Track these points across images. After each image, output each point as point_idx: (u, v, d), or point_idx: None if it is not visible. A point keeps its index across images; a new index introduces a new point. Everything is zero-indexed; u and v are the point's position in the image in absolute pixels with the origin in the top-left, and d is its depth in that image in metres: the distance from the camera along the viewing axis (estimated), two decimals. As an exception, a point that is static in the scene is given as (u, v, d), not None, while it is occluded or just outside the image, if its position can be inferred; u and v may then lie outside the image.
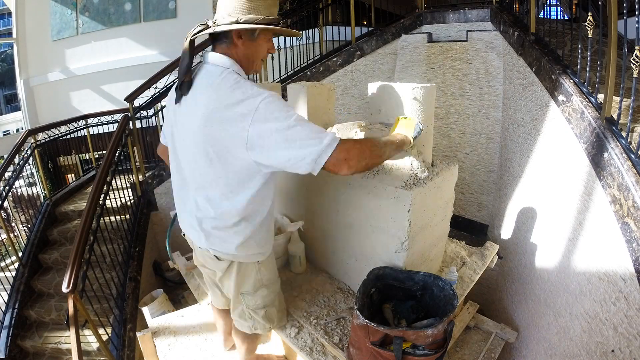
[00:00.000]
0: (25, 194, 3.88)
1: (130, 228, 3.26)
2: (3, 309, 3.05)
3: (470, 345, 2.05)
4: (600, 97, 1.61)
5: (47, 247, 3.49)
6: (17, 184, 3.53)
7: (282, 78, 3.86)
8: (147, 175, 3.62)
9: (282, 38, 4.15)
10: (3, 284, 3.13)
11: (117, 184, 3.11)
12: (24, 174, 3.85)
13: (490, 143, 3.45)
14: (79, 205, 3.83)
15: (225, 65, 1.06)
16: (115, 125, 3.66)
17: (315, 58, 4.01)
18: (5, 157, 3.43)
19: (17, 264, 3.31)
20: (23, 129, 5.86)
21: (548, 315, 1.98)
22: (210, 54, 1.10)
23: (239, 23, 1.02)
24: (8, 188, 3.26)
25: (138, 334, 1.94)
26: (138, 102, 3.54)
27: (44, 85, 5.97)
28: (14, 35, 5.76)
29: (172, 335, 1.94)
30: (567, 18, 3.75)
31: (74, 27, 5.75)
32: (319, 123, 1.99)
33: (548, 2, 4.32)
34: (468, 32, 3.45)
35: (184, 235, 1.38)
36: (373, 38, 3.88)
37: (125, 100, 3.38)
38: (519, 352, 2.23)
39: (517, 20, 2.94)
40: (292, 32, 1.24)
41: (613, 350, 1.36)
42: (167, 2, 5.45)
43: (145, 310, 2.88)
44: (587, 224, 1.63)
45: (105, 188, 2.68)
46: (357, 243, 1.68)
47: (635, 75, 1.31)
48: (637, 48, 1.26)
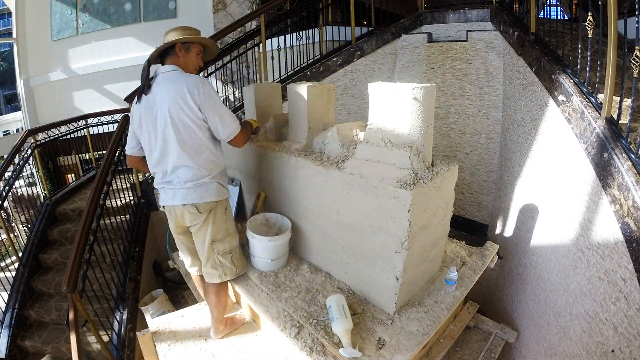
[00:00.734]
0: (25, 194, 3.88)
1: (130, 228, 3.26)
2: (3, 309, 3.05)
3: (470, 345, 2.05)
4: (600, 97, 1.61)
5: (47, 247, 3.49)
6: (17, 184, 3.52)
7: (282, 78, 3.85)
8: (147, 175, 3.62)
9: (282, 38, 4.15)
10: (3, 284, 3.13)
11: (117, 184, 3.11)
12: (24, 174, 3.85)
13: (490, 143, 3.45)
14: (79, 205, 3.83)
15: (173, 70, 1.61)
16: (115, 125, 3.66)
17: (315, 58, 4.00)
18: (5, 157, 3.43)
19: (17, 264, 3.31)
20: (23, 129, 5.86)
21: (548, 315, 1.98)
22: (162, 67, 1.65)
23: (180, 40, 1.63)
24: (8, 188, 3.26)
25: (138, 334, 1.94)
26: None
27: (44, 85, 5.97)
28: (14, 35, 5.76)
29: (172, 335, 1.94)
30: (567, 18, 3.75)
31: (74, 27, 5.75)
32: (319, 123, 1.99)
33: (548, 2, 4.32)
34: (468, 32, 3.45)
35: (163, 208, 1.74)
36: (373, 38, 3.88)
37: (125, 100, 3.38)
38: (519, 352, 2.23)
39: (517, 20, 2.94)
40: (214, 44, 1.78)
41: (613, 350, 1.36)
42: (167, 2, 5.45)
43: (145, 310, 2.89)
44: (587, 224, 1.63)
45: (105, 188, 2.67)
46: (357, 243, 1.68)
47: (635, 75, 1.31)
48: (637, 48, 1.26)
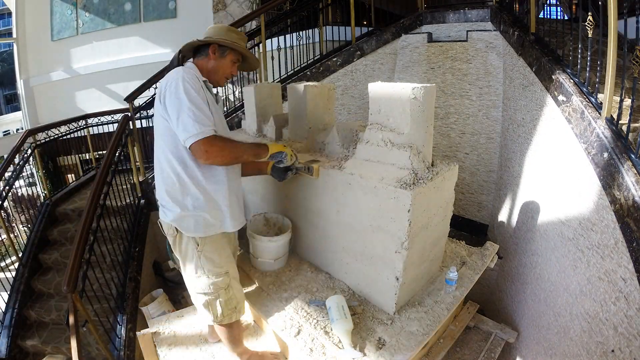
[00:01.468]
0: (25, 194, 3.88)
1: (130, 228, 3.26)
2: (3, 309, 3.05)
3: (470, 345, 2.05)
4: (600, 97, 1.61)
5: (47, 247, 3.49)
6: (17, 184, 3.52)
7: (282, 78, 3.85)
8: (147, 176, 3.62)
9: (282, 38, 4.15)
10: (3, 284, 3.13)
11: (117, 184, 3.11)
12: (24, 174, 3.85)
13: (490, 143, 3.45)
14: (79, 205, 3.83)
15: (190, 67, 1.40)
16: (115, 125, 3.66)
17: (315, 58, 4.00)
18: (5, 157, 3.43)
19: (17, 264, 3.31)
20: (23, 129, 5.86)
21: (548, 315, 1.98)
22: (186, 63, 1.45)
23: (217, 41, 1.42)
24: (8, 188, 3.26)
25: (138, 334, 1.94)
26: (138, 102, 3.54)
27: (44, 85, 5.97)
28: (14, 35, 5.76)
29: (172, 335, 1.94)
30: (567, 18, 3.74)
31: (74, 27, 5.75)
32: (319, 123, 1.99)
33: (548, 2, 4.32)
34: (468, 32, 3.45)
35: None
36: (373, 38, 3.88)
37: (125, 100, 3.38)
38: (519, 352, 2.23)
39: (517, 20, 2.94)
40: (256, 58, 1.60)
41: (613, 350, 1.36)
42: (167, 2, 5.45)
43: (145, 310, 2.89)
44: (587, 224, 1.63)
45: (105, 188, 2.67)
46: (357, 243, 1.68)
47: (635, 75, 1.31)
48: (637, 48, 1.26)
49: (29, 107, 5.97)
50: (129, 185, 3.57)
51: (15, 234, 3.56)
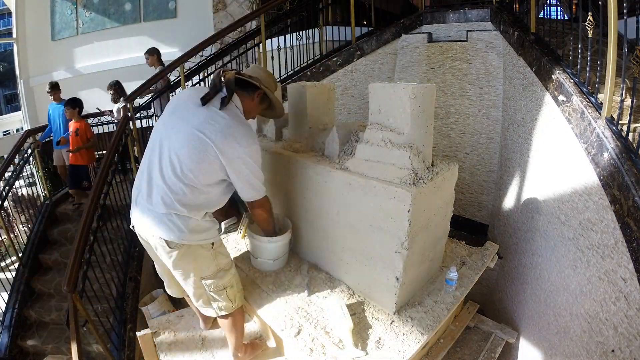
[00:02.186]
0: (26, 194, 3.88)
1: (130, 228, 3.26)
2: (3, 309, 3.05)
3: (471, 345, 2.05)
4: (600, 97, 1.61)
5: (47, 247, 3.49)
6: (17, 184, 3.52)
7: (282, 78, 3.85)
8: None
9: (281, 38, 4.15)
10: (3, 284, 3.13)
11: (117, 184, 3.11)
12: (24, 174, 3.85)
13: (490, 143, 3.45)
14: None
15: (240, 109, 1.49)
16: (116, 125, 3.66)
17: (315, 58, 4.00)
18: (5, 157, 3.43)
19: (17, 264, 3.31)
20: (23, 129, 5.86)
21: (548, 315, 1.98)
22: (233, 92, 1.46)
23: (267, 88, 1.55)
24: (8, 188, 3.26)
25: (138, 334, 1.94)
26: (138, 102, 3.54)
27: (44, 85, 5.96)
28: (14, 35, 5.76)
29: (172, 335, 1.94)
30: (567, 18, 3.74)
31: (74, 27, 5.75)
32: (319, 123, 1.99)
33: (548, 2, 4.32)
34: (468, 32, 3.45)
35: (132, 227, 1.56)
36: (373, 38, 3.88)
37: (125, 100, 3.38)
38: (519, 352, 2.23)
39: (517, 20, 2.94)
40: (282, 109, 1.74)
41: (613, 350, 1.36)
42: (167, 2, 5.45)
43: (145, 310, 2.89)
44: (587, 224, 1.63)
45: (105, 188, 2.67)
46: (357, 243, 1.68)
47: (635, 75, 1.31)
48: (637, 48, 1.26)
49: (29, 107, 5.98)
50: (129, 185, 3.57)
51: (16, 234, 3.56)
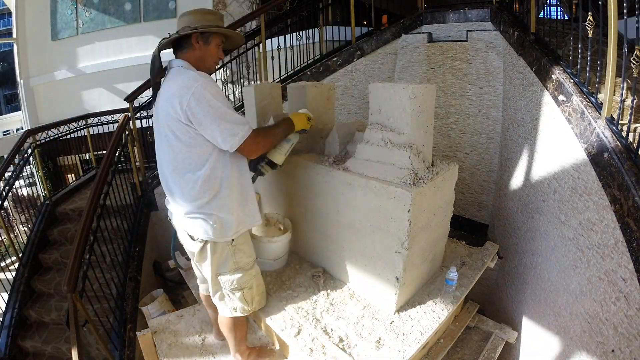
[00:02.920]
0: (26, 194, 3.88)
1: (130, 228, 3.26)
2: (3, 309, 3.05)
3: (471, 345, 2.05)
4: (601, 97, 1.61)
5: (47, 247, 3.49)
6: (17, 184, 3.52)
7: (282, 78, 3.85)
8: (147, 175, 3.62)
9: (281, 38, 4.15)
10: (3, 284, 3.13)
11: (117, 184, 3.11)
12: (24, 174, 3.85)
13: (491, 143, 3.45)
14: (79, 205, 3.83)
15: (181, 65, 1.35)
16: (115, 125, 3.66)
17: (315, 58, 4.00)
18: (5, 157, 3.42)
19: (17, 264, 3.31)
20: (23, 129, 5.86)
21: (548, 315, 1.98)
22: (173, 60, 1.40)
23: (197, 29, 1.33)
24: (8, 188, 3.26)
25: (138, 334, 1.94)
26: (138, 102, 3.54)
27: (44, 85, 5.97)
28: (14, 35, 5.76)
29: (172, 335, 1.94)
30: (567, 18, 3.74)
31: (74, 27, 5.74)
32: (319, 123, 1.99)
33: (548, 2, 4.31)
34: (468, 31, 3.45)
35: (169, 219, 1.55)
36: (373, 38, 3.87)
37: (125, 100, 3.38)
38: (519, 352, 2.23)
39: (517, 20, 2.93)
40: (238, 34, 1.52)
41: (613, 350, 1.36)
42: (167, 2, 5.45)
43: (145, 310, 2.89)
44: (587, 224, 1.62)
45: (105, 188, 2.67)
46: (357, 243, 1.68)
47: (635, 75, 1.31)
48: (637, 48, 1.26)
49: (29, 107, 5.97)
50: (129, 185, 3.57)
51: (15, 234, 3.56)
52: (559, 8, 4.24)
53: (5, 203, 3.22)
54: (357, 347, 1.49)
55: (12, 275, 3.22)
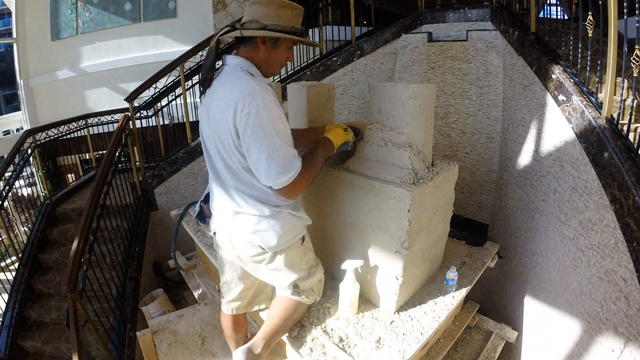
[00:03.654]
0: (25, 194, 3.88)
1: (130, 228, 3.26)
2: (3, 309, 3.05)
3: (471, 345, 2.05)
4: (600, 96, 1.61)
5: (47, 247, 3.49)
6: (17, 184, 3.52)
7: (282, 78, 3.85)
8: (147, 175, 3.62)
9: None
10: (3, 284, 3.13)
11: (117, 184, 3.11)
12: (24, 174, 3.85)
13: (491, 142, 3.45)
14: (79, 205, 3.83)
15: (241, 66, 1.16)
16: (115, 125, 3.66)
17: (315, 58, 4.00)
18: (5, 157, 3.42)
19: (17, 264, 3.31)
20: (23, 129, 5.86)
21: (548, 315, 1.98)
22: (230, 57, 1.19)
23: (266, 29, 1.11)
24: (8, 188, 3.26)
25: (138, 334, 1.94)
26: (138, 102, 3.54)
27: (44, 85, 5.97)
28: (14, 35, 5.76)
29: (172, 335, 1.94)
30: (567, 17, 3.74)
31: (74, 27, 5.74)
32: (319, 122, 1.99)
33: (548, 1, 4.31)
34: (468, 31, 3.44)
35: (214, 234, 1.42)
36: (373, 38, 3.87)
37: (126, 100, 3.38)
38: (519, 352, 2.23)
39: (517, 20, 2.93)
40: (313, 42, 1.38)
41: (613, 350, 1.36)
42: (167, 2, 5.44)
43: (145, 310, 2.89)
44: (587, 224, 1.62)
45: (105, 188, 2.67)
46: (357, 243, 1.68)
47: (635, 75, 1.31)
48: (637, 48, 1.26)
49: (29, 107, 5.97)
50: (129, 185, 3.57)
51: (15, 234, 3.56)
52: (559, 8, 4.24)
53: (5, 203, 3.22)
54: (357, 347, 1.49)
55: (12, 275, 3.22)
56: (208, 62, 1.17)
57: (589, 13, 1.61)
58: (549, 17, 3.98)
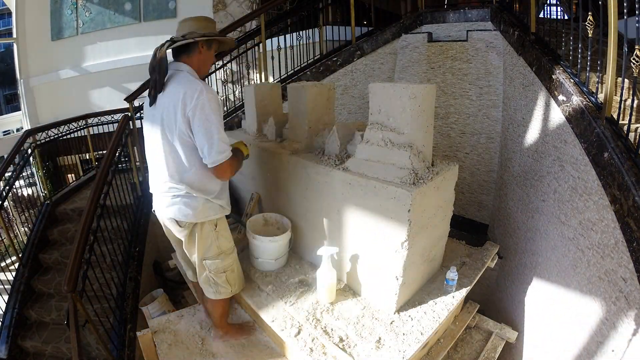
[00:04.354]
0: (26, 194, 3.87)
1: (130, 228, 3.26)
2: (3, 309, 3.05)
3: (471, 345, 2.05)
4: (601, 96, 1.61)
5: (47, 247, 3.48)
6: (17, 184, 3.52)
7: (282, 78, 3.85)
8: (147, 175, 3.61)
9: (281, 38, 4.15)
10: (3, 284, 3.13)
11: (117, 184, 3.10)
12: (24, 174, 3.84)
13: (491, 143, 3.45)
14: (79, 205, 3.83)
15: (187, 71, 1.49)
16: (115, 125, 3.66)
17: (315, 58, 4.00)
18: (5, 157, 3.42)
19: (17, 264, 3.31)
20: (23, 129, 5.86)
21: (548, 315, 1.98)
22: (176, 63, 1.53)
23: (204, 36, 1.49)
24: (8, 188, 3.26)
25: (138, 334, 1.94)
26: (138, 102, 3.54)
27: (44, 85, 5.97)
28: (14, 35, 5.76)
29: (172, 335, 1.94)
30: (567, 17, 3.74)
31: (74, 27, 5.74)
32: (319, 123, 1.99)
33: (548, 2, 4.31)
34: (468, 31, 3.45)
35: (154, 211, 1.72)
36: (373, 38, 3.87)
37: (125, 100, 3.38)
38: (519, 351, 2.23)
39: (517, 20, 2.93)
40: (231, 40, 1.68)
41: (613, 350, 1.36)
42: (167, 2, 5.44)
43: (145, 310, 2.88)
44: (587, 224, 1.62)
45: (105, 188, 2.67)
46: (357, 243, 1.68)
47: (635, 75, 1.31)
48: (637, 48, 1.26)
49: (29, 107, 5.97)
50: (129, 185, 3.57)
51: (15, 234, 3.56)
52: (559, 8, 4.24)
53: (5, 203, 3.22)
54: (357, 347, 1.49)
55: (12, 275, 3.22)
56: (162, 69, 1.46)
57: (589, 13, 1.61)
58: (549, 17, 3.98)
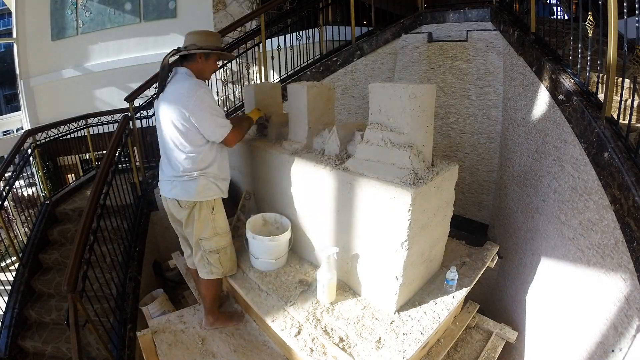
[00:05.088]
0: (26, 194, 3.87)
1: (130, 228, 3.26)
2: (3, 309, 3.05)
3: (471, 345, 2.05)
4: (601, 96, 1.61)
5: (47, 247, 3.48)
6: (17, 184, 3.52)
7: (282, 78, 3.85)
8: (147, 175, 3.62)
9: (281, 38, 4.15)
10: (3, 284, 3.13)
11: (117, 184, 3.10)
12: (24, 174, 3.84)
13: (491, 143, 3.45)
14: (79, 205, 3.83)
15: (186, 73, 1.73)
16: (115, 125, 3.66)
17: (315, 58, 4.00)
18: (5, 157, 3.42)
19: (17, 264, 3.31)
20: (23, 129, 5.86)
21: (548, 315, 1.98)
22: (180, 68, 1.76)
23: (202, 49, 1.72)
24: (8, 188, 3.26)
25: (138, 334, 1.94)
26: (138, 102, 3.54)
27: (44, 85, 5.97)
28: (14, 35, 5.75)
29: (172, 335, 1.94)
30: (567, 17, 3.74)
31: (74, 27, 5.74)
32: (319, 123, 2.00)
33: (548, 2, 4.31)
34: (468, 31, 3.44)
35: (162, 196, 1.86)
36: (373, 38, 3.87)
37: (126, 100, 3.38)
38: (519, 351, 2.23)
39: (517, 20, 2.93)
40: (231, 55, 2.01)
41: (613, 350, 1.36)
42: (167, 2, 5.45)
43: (145, 310, 2.88)
44: (587, 224, 1.62)
45: (105, 188, 2.67)
46: (357, 243, 1.68)
47: (635, 75, 1.31)
48: (637, 48, 1.26)
49: (29, 107, 5.97)
50: (129, 185, 3.57)
51: (15, 234, 3.56)
52: (559, 8, 4.24)
53: (5, 203, 3.22)
54: (357, 347, 1.49)
55: (12, 276, 3.22)
56: (164, 73, 1.70)
57: (589, 13, 1.61)
58: (549, 17, 3.98)
